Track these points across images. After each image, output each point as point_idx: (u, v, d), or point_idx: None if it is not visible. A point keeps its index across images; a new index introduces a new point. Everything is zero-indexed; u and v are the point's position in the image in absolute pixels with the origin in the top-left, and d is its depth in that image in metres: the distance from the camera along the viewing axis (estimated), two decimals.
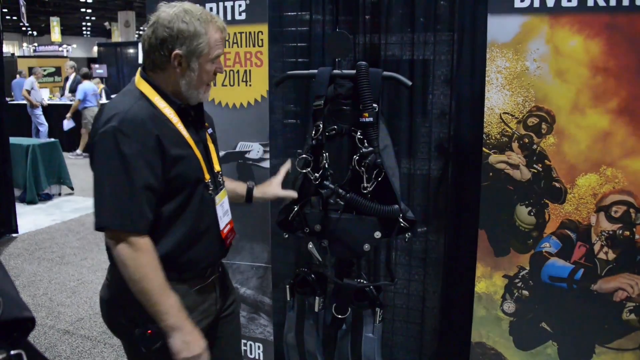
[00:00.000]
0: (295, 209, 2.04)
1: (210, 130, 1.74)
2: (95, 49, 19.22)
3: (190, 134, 1.58)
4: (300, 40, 2.53)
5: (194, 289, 1.65)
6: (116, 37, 24.06)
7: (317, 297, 2.12)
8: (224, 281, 1.84)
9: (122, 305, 1.57)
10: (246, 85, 2.44)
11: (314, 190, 2.02)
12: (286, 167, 2.09)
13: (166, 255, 1.53)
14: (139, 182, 1.43)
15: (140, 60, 13.28)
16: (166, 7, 1.54)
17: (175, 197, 1.54)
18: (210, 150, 1.69)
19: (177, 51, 1.50)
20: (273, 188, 2.01)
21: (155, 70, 1.56)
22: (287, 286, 2.17)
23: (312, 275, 2.12)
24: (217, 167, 1.70)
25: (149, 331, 1.50)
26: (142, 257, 1.45)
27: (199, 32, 1.50)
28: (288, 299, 2.18)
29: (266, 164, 2.50)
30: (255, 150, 2.49)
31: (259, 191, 2.00)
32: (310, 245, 2.02)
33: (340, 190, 1.94)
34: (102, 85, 12.60)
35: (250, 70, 2.43)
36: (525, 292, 2.06)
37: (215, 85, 2.34)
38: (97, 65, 15.57)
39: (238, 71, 2.43)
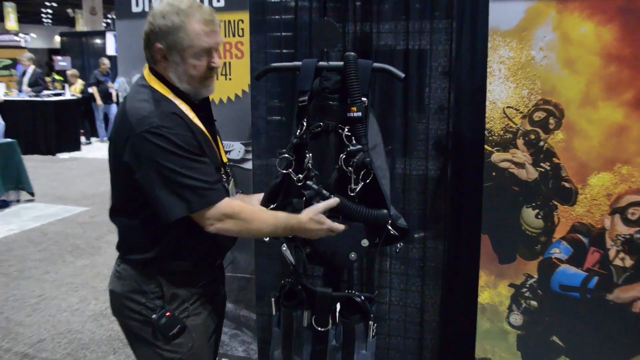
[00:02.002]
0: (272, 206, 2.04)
1: None
2: (58, 39, 19.00)
3: (205, 128, 1.77)
4: (285, 30, 2.52)
5: (207, 284, 1.87)
6: (81, 26, 23.84)
7: (305, 311, 2.10)
8: (224, 279, 2.09)
9: (138, 292, 1.77)
10: (225, 78, 2.43)
11: (297, 191, 2.01)
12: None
13: (183, 244, 1.75)
14: (201, 160, 1.66)
15: (107, 52, 13.25)
16: (158, 3, 1.72)
17: None
18: (219, 144, 1.90)
19: (157, 45, 1.67)
20: (252, 202, 2.07)
21: (152, 64, 1.74)
22: (273, 299, 2.16)
23: (300, 287, 2.10)
24: (224, 159, 1.91)
25: (168, 313, 1.74)
26: (243, 215, 1.71)
27: (177, 26, 1.64)
28: (273, 313, 2.16)
29: (248, 165, 2.49)
30: (236, 150, 2.48)
31: (239, 199, 2.03)
32: (284, 248, 2.01)
33: (325, 192, 1.93)
34: (80, 80, 12.53)
35: (230, 63, 2.42)
36: (534, 303, 2.06)
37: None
38: (59, 57, 15.40)
39: None
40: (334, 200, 1.87)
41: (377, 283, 2.55)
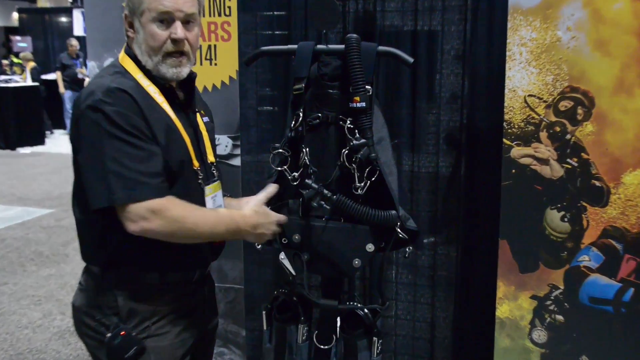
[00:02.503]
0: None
1: (206, 119, 1.93)
2: (16, 15, 18.94)
3: (179, 117, 1.75)
4: (278, 8, 2.52)
5: (180, 298, 1.80)
6: (43, 2, 23.80)
7: (299, 325, 2.10)
8: (212, 290, 2.01)
9: (94, 306, 1.73)
10: (210, 64, 2.43)
11: (294, 191, 2.00)
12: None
13: (147, 249, 1.67)
14: (142, 147, 1.60)
15: (75, 32, 13.12)
16: None
17: None
18: (204, 139, 1.86)
19: (125, 12, 1.73)
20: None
21: (126, 38, 1.76)
22: (264, 312, 2.15)
23: (295, 298, 2.10)
24: (210, 158, 1.87)
25: (122, 332, 1.67)
26: (175, 212, 1.62)
27: None
28: (265, 327, 2.16)
29: (237, 162, 2.48)
30: (222, 144, 2.47)
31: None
32: (282, 256, 2.01)
33: (326, 191, 1.92)
34: (32, 63, 12.42)
35: (215, 46, 2.41)
36: (560, 317, 2.06)
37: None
38: (18, 38, 15.32)
39: (200, 46, 2.39)
40: (272, 188, 1.89)
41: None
